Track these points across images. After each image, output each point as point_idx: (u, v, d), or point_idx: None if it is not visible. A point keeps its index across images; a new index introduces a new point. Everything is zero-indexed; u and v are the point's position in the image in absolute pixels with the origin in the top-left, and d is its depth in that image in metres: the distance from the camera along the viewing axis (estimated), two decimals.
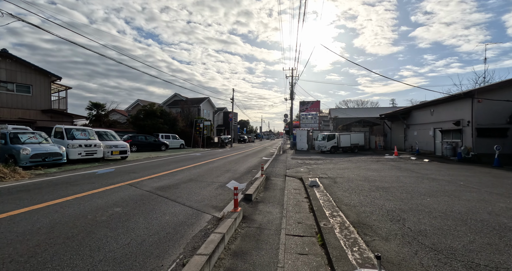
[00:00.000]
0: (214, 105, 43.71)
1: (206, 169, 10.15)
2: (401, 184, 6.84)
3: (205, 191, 6.00)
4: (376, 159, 14.61)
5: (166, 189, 6.08)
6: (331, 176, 8.46)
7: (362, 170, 9.92)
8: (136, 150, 19.29)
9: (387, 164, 12.17)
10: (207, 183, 7.05)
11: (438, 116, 16.37)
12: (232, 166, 11.20)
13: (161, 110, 25.41)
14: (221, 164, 11.89)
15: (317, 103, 37.33)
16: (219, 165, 11.47)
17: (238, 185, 7.00)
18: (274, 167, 11.37)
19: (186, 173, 8.90)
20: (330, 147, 21.66)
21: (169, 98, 40.46)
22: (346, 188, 6.41)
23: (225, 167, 10.80)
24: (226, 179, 7.92)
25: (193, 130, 27.92)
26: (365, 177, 8.24)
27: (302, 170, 10.44)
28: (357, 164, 12.38)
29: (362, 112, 39.48)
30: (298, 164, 12.83)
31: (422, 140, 18.20)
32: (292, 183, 7.84)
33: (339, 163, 13.08)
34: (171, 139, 24.66)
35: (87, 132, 11.28)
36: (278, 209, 4.81)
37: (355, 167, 10.96)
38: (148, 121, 23.77)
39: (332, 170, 10.24)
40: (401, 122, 21.83)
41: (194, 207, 4.65)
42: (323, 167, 11.20)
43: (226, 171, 9.74)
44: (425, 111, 18.03)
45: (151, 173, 8.53)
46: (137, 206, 4.50)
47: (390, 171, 9.66)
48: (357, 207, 4.60)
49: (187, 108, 33.24)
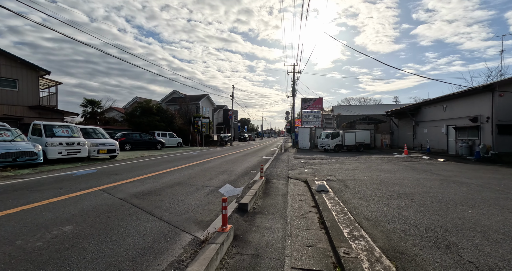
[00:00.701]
0: (214, 103, 42.67)
1: (199, 169, 9.14)
2: (425, 189, 5.80)
3: (192, 199, 4.98)
4: (386, 158, 13.54)
5: (145, 195, 5.07)
6: (340, 178, 7.42)
7: (374, 171, 8.87)
8: (130, 148, 18.31)
9: (399, 164, 11.11)
10: (197, 187, 6.03)
11: (452, 112, 15.25)
12: (229, 166, 10.19)
13: (157, 107, 24.40)
14: (217, 164, 10.88)
15: (320, 101, 36.17)
16: (215, 165, 10.46)
17: (233, 190, 5.98)
18: (275, 167, 10.35)
19: (176, 174, 7.89)
20: (334, 145, 20.62)
21: (167, 95, 39.47)
22: (361, 194, 5.37)
23: (221, 168, 9.78)
24: (220, 182, 6.91)
25: (191, 128, 26.92)
26: (379, 179, 7.19)
27: (306, 171, 9.41)
28: (366, 163, 11.33)
29: (366, 109, 38.30)
30: (301, 163, 11.80)
31: (433, 137, 17.09)
32: (296, 186, 6.81)
33: (345, 162, 12.04)
34: (168, 137, 23.68)
35: (70, 129, 10.26)
36: (280, 224, 3.79)
37: (365, 168, 9.92)
38: (144, 119, 22.78)
39: (340, 171, 9.20)
40: (409, 120, 20.71)
41: (173, 222, 3.63)
42: (329, 167, 10.17)
43: (222, 172, 8.72)
44: (436, 107, 16.91)
45: (136, 175, 7.52)
46: (97, 222, 3.48)
47: (405, 172, 8.61)
48: (382, 223, 3.57)
49: (185, 105, 32.22)
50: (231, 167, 10.14)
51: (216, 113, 50.27)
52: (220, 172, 8.73)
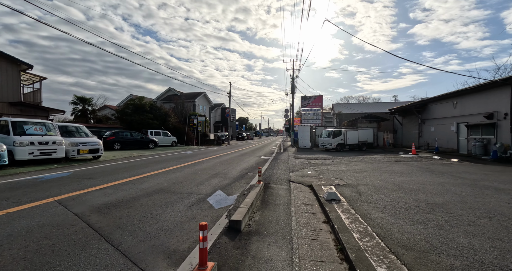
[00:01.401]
0: (211, 101, 41.53)
1: (189, 172, 8.08)
2: (458, 198, 4.79)
3: (170, 213, 3.93)
4: (393, 158, 12.55)
5: (111, 208, 4.01)
6: (350, 183, 6.41)
7: (386, 174, 7.86)
8: (119, 147, 17.20)
9: (411, 164, 10.12)
10: (181, 196, 4.98)
11: (463, 109, 14.28)
12: (224, 168, 9.15)
13: (150, 104, 23.26)
14: (211, 165, 9.83)
15: (320, 98, 35.17)
16: (208, 167, 9.41)
17: (225, 199, 4.93)
18: (275, 169, 9.32)
19: (161, 178, 6.84)
20: (336, 144, 19.63)
21: (163, 93, 38.27)
22: (381, 205, 4.35)
23: (214, 169, 8.74)
24: (211, 187, 5.86)
25: (186, 127, 25.82)
26: (396, 184, 6.18)
27: (310, 173, 8.38)
28: (374, 164, 10.33)
29: (366, 107, 37.37)
30: (303, 164, 10.79)
31: (442, 136, 16.13)
32: (300, 193, 5.78)
33: (351, 163, 11.04)
34: (162, 136, 22.57)
35: (44, 126, 9.13)
36: (284, 252, 2.76)
37: (374, 169, 8.91)
38: (136, 117, 21.65)
39: (347, 173, 8.19)
40: (415, 117, 19.74)
41: (134, 253, 2.58)
42: (334, 169, 9.15)
43: (215, 175, 7.67)
44: (445, 104, 15.94)
45: (113, 179, 6.46)
46: (16, 258, 2.39)
47: (422, 174, 7.61)
48: (430, 255, 2.53)
49: (181, 103, 31.05)
50: (226, 168, 9.10)
51: (214, 111, 49.11)
52: (213, 174, 7.68)
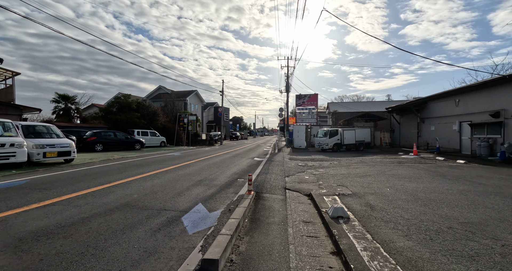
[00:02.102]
0: (203, 100, 40.28)
1: (171, 178, 7.03)
2: (495, 214, 3.89)
3: (124, 244, 2.89)
4: (395, 160, 11.74)
5: (41, 238, 2.95)
6: (356, 191, 5.48)
7: (392, 178, 6.98)
8: (101, 149, 15.95)
9: (417, 167, 9.29)
10: (149, 214, 3.95)
11: (466, 107, 13.60)
12: (211, 172, 8.12)
13: (137, 102, 21.97)
14: (197, 169, 8.78)
15: (315, 97, 34.39)
16: (194, 171, 8.36)
17: (204, 217, 3.91)
18: (269, 173, 8.34)
19: (133, 187, 5.77)
20: (332, 144, 18.80)
21: (153, 91, 36.86)
22: (403, 226, 3.41)
23: (200, 174, 7.70)
24: (190, 200, 4.84)
25: (176, 126, 24.61)
26: (408, 192, 5.28)
27: (307, 178, 7.44)
28: (376, 167, 9.47)
29: (362, 106, 36.80)
30: (299, 167, 9.85)
31: (443, 135, 15.46)
32: (298, 205, 4.82)
33: (351, 165, 10.16)
34: (150, 136, 21.35)
35: (0, 126, 7.90)
36: None
37: (378, 173, 8.03)
38: (122, 116, 20.34)
39: (349, 177, 7.28)
40: (413, 116, 19.09)
41: None
42: (334, 173, 8.24)
43: (199, 181, 6.65)
44: (447, 102, 15.26)
45: (72, 190, 5.36)
46: None
47: (434, 180, 6.75)
48: None
49: (171, 102, 29.78)
50: (213, 173, 8.07)
51: (207, 111, 47.86)
52: (197, 181, 6.65)
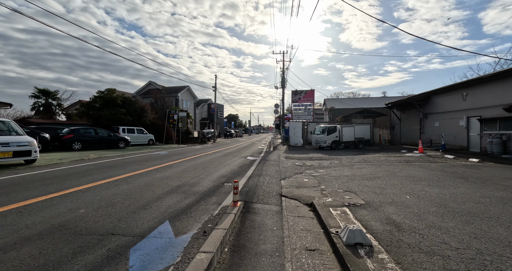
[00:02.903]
0: (196, 96, 38.84)
1: (143, 183, 5.83)
2: None
3: None
4: (401, 159, 10.73)
5: None
6: (369, 200, 4.38)
7: (407, 182, 5.91)
8: (80, 147, 14.58)
9: (428, 167, 8.27)
10: (86, 242, 2.76)
11: (475, 101, 12.66)
12: (194, 175, 6.94)
13: (123, 98, 20.53)
14: (179, 171, 7.59)
15: (311, 93, 33.35)
16: (175, 173, 7.17)
17: (167, 245, 2.72)
18: (262, 176, 7.20)
19: (88, 197, 4.56)
20: (330, 141, 17.77)
21: (142, 87, 35.27)
22: (458, 263, 2.31)
23: (181, 178, 6.52)
24: (156, 215, 3.66)
25: (166, 123, 23.26)
26: (435, 201, 4.21)
27: (307, 181, 6.32)
28: (382, 167, 8.42)
29: (359, 102, 35.90)
30: (297, 167, 8.73)
31: (448, 132, 14.54)
32: (298, 221, 3.69)
33: (354, 165, 9.10)
34: (137, 134, 19.99)
35: None
36: None
37: (388, 174, 6.97)
38: (105, 112, 18.90)
39: (356, 180, 6.19)
40: (415, 112, 18.15)
41: None
42: (337, 174, 7.15)
43: (177, 188, 5.47)
44: (453, 96, 14.32)
45: (3, 203, 4.14)
46: None
47: (456, 183, 5.70)
48: None
49: (161, 98, 28.32)
50: (197, 175, 6.89)
51: (200, 107, 46.45)
52: (174, 187, 5.46)
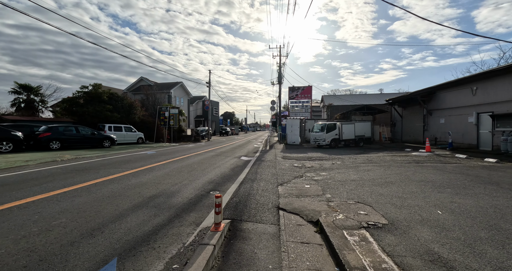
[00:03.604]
0: (190, 92, 37.54)
1: (108, 193, 4.76)
2: None
3: None
4: (410, 159, 9.80)
5: None
6: (391, 216, 3.38)
7: (426, 188, 4.94)
8: (59, 147, 13.37)
9: (444, 169, 7.33)
10: None
11: (486, 95, 11.78)
12: (176, 180, 5.88)
13: (109, 93, 19.25)
14: (159, 176, 6.52)
15: (309, 89, 32.33)
16: (153, 179, 6.10)
17: None
18: (256, 180, 6.17)
19: (23, 216, 3.48)
20: (330, 139, 16.83)
21: (134, 83, 33.86)
22: None
23: (158, 185, 5.46)
24: (104, 248, 2.61)
25: (156, 121, 22.06)
26: (479, 220, 3.22)
27: (309, 187, 5.32)
28: (392, 169, 7.47)
29: (357, 99, 35.03)
30: (296, 169, 7.73)
31: (455, 129, 13.69)
32: (302, 253, 2.65)
33: (359, 166, 8.13)
34: (124, 132, 18.78)
35: None
36: None
37: (401, 178, 6.00)
38: (90, 108, 17.62)
39: (365, 185, 5.21)
40: (418, 108, 17.29)
41: None
42: (342, 177, 6.16)
43: (149, 199, 4.41)
44: (460, 91, 13.43)
45: None
46: None
47: (488, 190, 4.74)
48: None
49: (153, 94, 27.03)
50: (180, 181, 5.83)
51: (194, 105, 45.17)
52: (146, 199, 4.41)
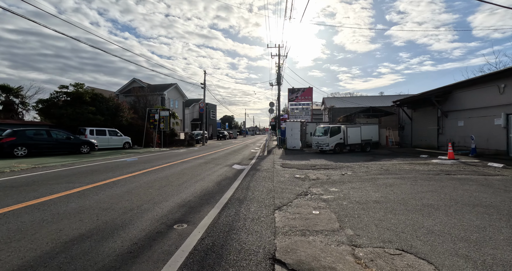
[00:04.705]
0: (185, 95, 35.99)
1: (16, 228, 3.08)
2: None
3: None
4: (434, 168, 8.14)
5: None
6: None
7: (492, 218, 3.27)
8: (25, 153, 11.69)
9: (490, 184, 5.68)
10: None
11: None
12: (137, 203, 4.19)
13: (93, 94, 17.63)
14: (117, 195, 4.84)
15: (309, 91, 30.86)
16: (107, 199, 4.41)
17: None
18: (246, 201, 4.47)
19: None
20: (334, 144, 15.23)
21: (125, 85, 32.34)
22: None
23: (107, 212, 3.78)
24: None
25: (146, 124, 20.41)
26: None
27: (317, 214, 3.60)
28: (421, 184, 5.82)
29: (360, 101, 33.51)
30: (297, 181, 6.06)
31: (478, 132, 12.07)
32: None
33: (377, 178, 6.47)
34: (108, 136, 17.12)
35: None
36: None
37: (444, 200, 4.34)
38: (69, 110, 15.98)
39: (399, 213, 3.52)
40: (431, 109, 15.71)
41: None
42: (361, 197, 4.48)
43: (68, 245, 2.73)
44: (484, 89, 11.87)
45: None
46: None
47: None
48: None
49: (144, 96, 25.44)
50: (140, 204, 4.14)
51: (191, 107, 43.64)
52: (62, 244, 2.72)
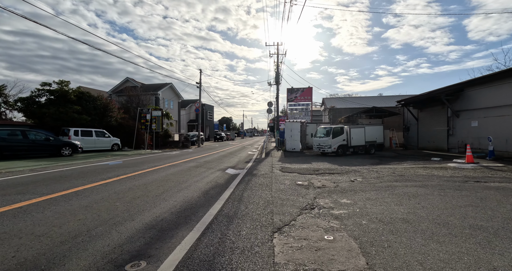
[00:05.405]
0: (180, 95, 34.89)
1: None
2: None
3: None
4: (452, 173, 7.11)
5: None
6: None
7: None
8: None
9: None
10: None
11: None
12: (91, 224, 3.08)
13: (78, 92, 16.49)
14: (72, 210, 3.73)
15: (309, 91, 29.90)
16: (54, 218, 3.30)
17: None
18: (236, 219, 3.37)
19: None
20: (337, 146, 14.23)
21: (118, 84, 31.18)
22: None
23: (42, 238, 2.67)
24: None
25: (137, 124, 19.28)
26: None
27: (331, 240, 2.45)
28: (453, 195, 4.78)
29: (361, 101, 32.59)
30: (300, 190, 4.98)
31: (495, 133, 11.09)
32: None
33: (394, 187, 5.43)
34: (95, 137, 15.98)
35: None
36: None
37: (498, 220, 3.29)
38: (52, 109, 14.82)
39: (444, 239, 2.42)
40: (440, 109, 14.75)
41: None
42: (382, 212, 3.38)
43: None
44: (503, 86, 10.91)
45: None
46: None
47: None
48: None
49: (137, 96, 24.32)
50: (94, 226, 3.03)
51: (188, 108, 42.57)
52: None
